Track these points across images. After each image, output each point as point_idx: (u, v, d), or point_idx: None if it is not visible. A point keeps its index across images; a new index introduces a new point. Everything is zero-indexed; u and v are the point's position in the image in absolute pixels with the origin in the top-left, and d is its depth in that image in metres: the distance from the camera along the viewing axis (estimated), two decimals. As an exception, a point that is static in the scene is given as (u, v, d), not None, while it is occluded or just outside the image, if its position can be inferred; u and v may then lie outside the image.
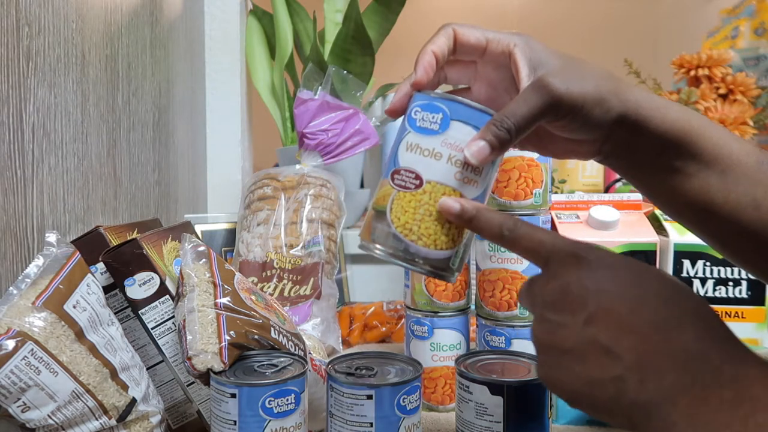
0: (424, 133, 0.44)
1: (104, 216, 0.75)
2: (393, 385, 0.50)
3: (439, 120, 0.44)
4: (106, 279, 0.60)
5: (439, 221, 0.44)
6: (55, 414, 0.47)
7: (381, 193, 0.46)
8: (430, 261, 0.44)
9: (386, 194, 0.45)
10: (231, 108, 1.25)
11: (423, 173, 0.44)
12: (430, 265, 0.45)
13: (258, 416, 0.47)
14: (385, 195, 0.45)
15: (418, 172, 0.44)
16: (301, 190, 0.87)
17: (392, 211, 0.44)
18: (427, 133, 0.44)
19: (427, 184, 0.44)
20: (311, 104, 0.92)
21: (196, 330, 0.52)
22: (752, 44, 1.51)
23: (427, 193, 0.44)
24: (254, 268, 0.82)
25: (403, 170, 0.44)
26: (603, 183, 1.20)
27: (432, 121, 0.44)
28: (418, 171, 0.44)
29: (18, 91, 0.56)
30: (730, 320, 0.76)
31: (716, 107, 1.11)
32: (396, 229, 0.44)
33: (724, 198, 0.43)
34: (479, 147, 0.42)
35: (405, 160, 0.45)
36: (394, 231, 0.44)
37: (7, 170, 0.54)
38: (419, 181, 0.44)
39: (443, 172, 0.44)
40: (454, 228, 0.44)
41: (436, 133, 0.44)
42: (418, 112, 0.45)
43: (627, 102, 0.43)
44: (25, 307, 0.48)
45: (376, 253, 0.45)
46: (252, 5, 1.32)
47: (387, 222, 0.45)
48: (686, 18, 2.77)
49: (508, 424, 0.51)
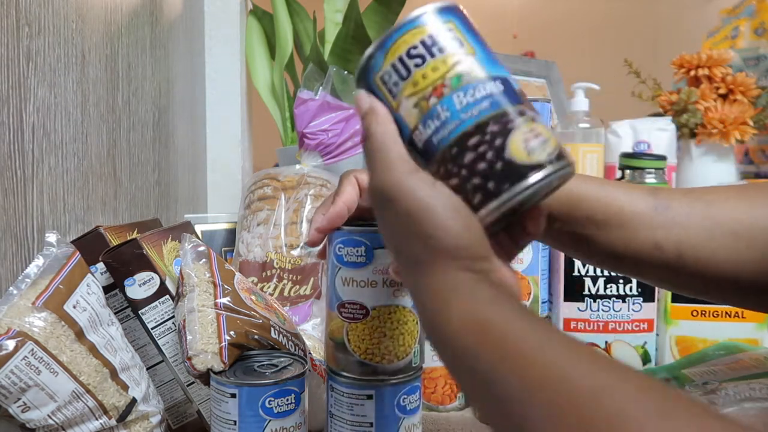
0: (355, 266, 0.48)
1: (104, 216, 0.75)
2: (393, 385, 0.50)
3: (363, 252, 0.48)
4: (106, 279, 0.60)
5: (393, 338, 0.49)
6: (55, 414, 0.47)
7: (333, 326, 0.50)
8: (395, 370, 0.50)
9: (339, 326, 0.50)
10: (231, 108, 1.25)
11: (367, 302, 0.48)
12: (396, 373, 0.50)
13: (258, 416, 0.47)
14: (338, 327, 0.50)
15: (362, 302, 0.49)
16: (302, 190, 0.87)
17: (351, 342, 0.49)
18: (357, 266, 0.48)
19: (373, 311, 0.48)
20: (311, 104, 0.92)
21: (196, 330, 0.52)
22: (752, 44, 1.51)
23: (375, 318, 0.48)
24: (254, 268, 0.82)
25: (348, 303, 0.49)
26: (603, 183, 1.20)
27: (357, 254, 0.48)
28: (361, 302, 0.49)
29: (18, 91, 0.56)
30: (730, 320, 0.77)
31: (716, 107, 1.11)
32: (360, 357, 0.49)
33: (625, 247, 0.47)
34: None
35: (346, 293, 0.49)
36: (359, 359, 0.49)
37: (7, 170, 0.54)
38: (365, 310, 0.48)
39: (384, 296, 0.49)
40: (408, 334, 0.49)
41: (365, 264, 0.48)
42: (342, 249, 0.49)
43: None
44: (25, 307, 0.48)
45: (346, 380, 0.50)
46: (252, 5, 1.32)
47: (349, 352, 0.49)
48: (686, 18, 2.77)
49: None
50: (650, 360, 0.77)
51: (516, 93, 0.37)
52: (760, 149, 1.39)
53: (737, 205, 0.45)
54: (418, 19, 0.38)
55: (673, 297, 0.78)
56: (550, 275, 0.76)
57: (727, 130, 1.08)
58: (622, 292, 0.76)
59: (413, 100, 0.37)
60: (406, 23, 0.38)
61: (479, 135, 0.36)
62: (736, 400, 0.58)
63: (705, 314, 0.77)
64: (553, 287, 0.77)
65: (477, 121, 0.36)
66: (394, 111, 0.38)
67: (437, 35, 0.37)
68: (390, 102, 0.38)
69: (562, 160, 0.36)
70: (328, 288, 0.51)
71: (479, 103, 0.36)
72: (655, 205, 0.47)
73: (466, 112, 0.36)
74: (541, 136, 0.36)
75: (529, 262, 0.71)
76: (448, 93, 0.36)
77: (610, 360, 0.30)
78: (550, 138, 0.36)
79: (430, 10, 0.38)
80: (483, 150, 0.35)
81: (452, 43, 0.37)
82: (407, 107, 0.37)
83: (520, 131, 0.36)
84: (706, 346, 0.76)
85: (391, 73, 0.38)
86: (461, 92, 0.36)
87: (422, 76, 0.37)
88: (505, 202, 0.35)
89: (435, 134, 0.37)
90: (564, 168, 0.36)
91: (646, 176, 0.90)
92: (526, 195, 0.35)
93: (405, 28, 0.38)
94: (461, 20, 0.39)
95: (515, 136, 0.35)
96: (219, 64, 1.24)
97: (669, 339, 0.78)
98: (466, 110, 0.36)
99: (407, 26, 0.38)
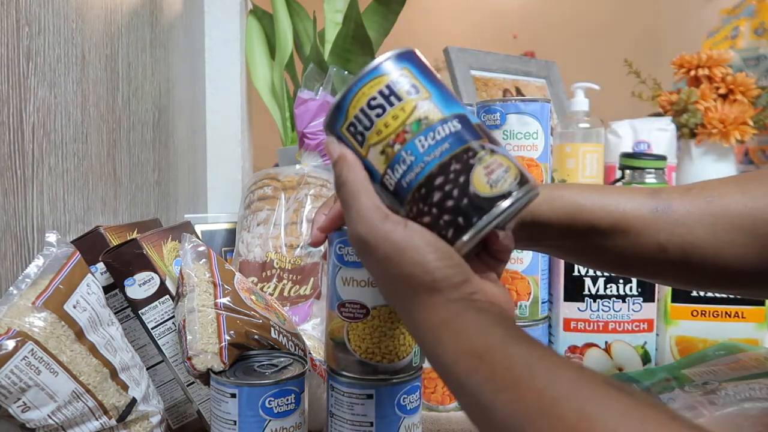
0: (354, 266, 0.49)
1: (104, 216, 0.75)
2: (393, 385, 0.50)
3: None
4: (106, 279, 0.60)
5: (393, 337, 0.49)
6: (55, 414, 0.47)
7: (334, 325, 0.50)
8: (396, 370, 0.50)
9: (339, 326, 0.50)
10: (231, 108, 1.24)
11: (367, 302, 0.49)
12: (396, 373, 0.50)
13: (258, 416, 0.48)
14: (339, 327, 0.50)
15: (362, 302, 0.49)
16: (302, 190, 0.87)
17: (351, 342, 0.49)
18: (357, 266, 0.49)
19: (373, 310, 0.49)
20: (312, 104, 0.92)
21: (196, 330, 0.52)
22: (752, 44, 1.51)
23: (376, 318, 0.49)
24: (254, 268, 0.82)
25: (348, 303, 0.49)
26: (603, 183, 1.20)
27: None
28: (362, 301, 0.49)
29: (18, 91, 0.56)
30: (730, 320, 0.77)
31: (716, 107, 1.11)
32: (360, 356, 0.49)
33: (631, 253, 0.48)
34: None
35: (346, 293, 0.49)
36: (359, 358, 0.49)
37: (7, 170, 0.54)
38: (365, 310, 0.49)
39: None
40: (408, 334, 0.50)
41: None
42: (342, 248, 0.49)
43: None
44: (25, 307, 0.48)
45: (347, 380, 0.50)
46: (252, 5, 1.32)
47: (350, 351, 0.49)
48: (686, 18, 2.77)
49: None
50: (650, 360, 0.77)
51: (474, 128, 0.39)
52: (760, 149, 1.39)
53: (737, 199, 0.46)
54: (375, 70, 0.40)
55: (673, 297, 0.78)
56: (550, 275, 0.76)
57: (727, 130, 1.08)
58: (622, 292, 0.76)
59: (379, 147, 0.39)
60: (365, 75, 0.40)
61: (443, 175, 0.38)
62: (736, 400, 0.58)
63: (705, 314, 0.77)
64: (553, 287, 0.77)
65: (440, 162, 0.38)
66: (363, 157, 0.41)
67: (394, 84, 0.39)
68: (358, 150, 0.40)
69: (525, 185, 0.38)
70: (329, 288, 0.51)
71: (440, 145, 0.38)
72: (655, 207, 0.47)
73: (429, 155, 0.38)
74: (501, 167, 0.38)
75: (529, 262, 0.71)
76: (410, 138, 0.39)
77: (593, 376, 0.31)
78: (511, 166, 0.39)
79: (385, 60, 0.40)
80: (449, 189, 0.38)
81: (409, 89, 0.39)
82: (374, 154, 0.40)
83: (481, 165, 0.38)
84: (706, 346, 0.76)
85: (356, 124, 0.40)
86: (422, 136, 0.38)
87: (384, 125, 0.39)
88: (477, 233, 0.38)
89: (403, 177, 0.39)
90: (528, 192, 0.38)
91: (646, 176, 0.90)
92: (495, 224, 0.38)
93: (364, 80, 0.40)
94: (415, 65, 0.41)
95: (477, 171, 0.38)
96: (219, 64, 1.23)
97: (669, 339, 0.78)
98: (429, 153, 0.38)
99: (366, 78, 0.40)
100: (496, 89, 1.36)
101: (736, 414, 0.57)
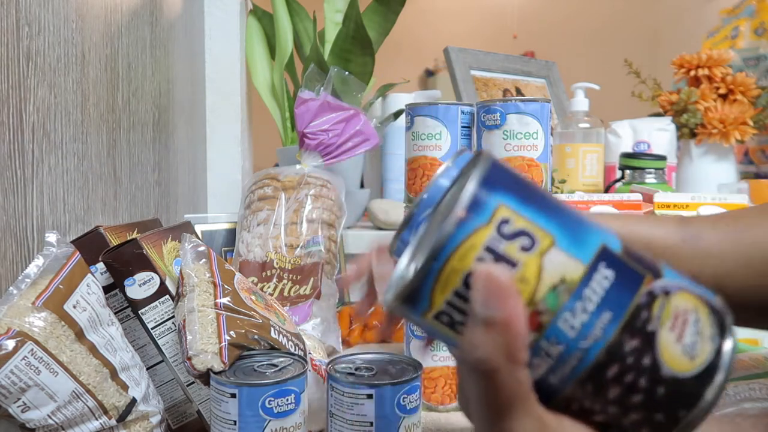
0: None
1: (104, 216, 0.75)
2: (393, 385, 0.50)
3: None
4: (106, 279, 0.60)
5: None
6: (55, 414, 0.47)
7: None
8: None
9: None
10: (231, 108, 1.25)
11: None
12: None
13: (258, 416, 0.47)
14: None
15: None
16: (302, 191, 0.87)
17: None
18: None
19: None
20: (312, 104, 0.92)
21: (196, 330, 0.52)
22: (752, 44, 1.51)
23: None
24: (254, 268, 0.82)
25: None
26: (603, 183, 1.20)
27: None
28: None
29: (18, 91, 0.56)
30: (730, 320, 0.77)
31: (716, 107, 1.11)
32: None
33: None
34: None
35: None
36: None
37: (7, 170, 0.54)
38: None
39: None
40: None
41: None
42: None
43: None
44: (25, 307, 0.48)
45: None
46: (252, 5, 1.32)
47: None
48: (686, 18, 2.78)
49: None
50: (650, 360, 0.77)
51: (625, 263, 0.27)
52: (760, 149, 1.39)
53: None
54: (461, 228, 0.26)
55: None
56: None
57: (727, 130, 1.08)
58: None
59: None
60: (446, 241, 0.26)
61: (617, 362, 0.26)
62: (736, 401, 0.58)
63: (705, 314, 0.77)
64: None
65: (606, 345, 0.26)
66: None
67: (495, 243, 0.26)
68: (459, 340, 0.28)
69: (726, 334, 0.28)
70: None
71: (597, 318, 0.26)
72: (683, 237, 0.46)
73: (585, 338, 0.26)
74: (688, 317, 0.27)
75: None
76: (549, 322, 0.26)
77: None
78: (697, 306, 0.28)
79: (469, 201, 0.26)
80: (631, 380, 0.26)
81: (522, 243, 0.26)
82: None
83: (665, 329, 0.27)
84: (706, 346, 0.76)
85: (450, 313, 0.27)
86: (567, 314, 0.26)
87: None
88: (685, 429, 0.27)
89: (551, 375, 0.27)
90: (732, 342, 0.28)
91: (646, 176, 0.90)
92: (709, 411, 0.27)
93: (447, 249, 0.26)
94: (512, 192, 0.27)
95: (662, 341, 0.26)
96: (219, 64, 1.24)
97: (669, 339, 0.78)
98: (585, 335, 0.26)
99: (449, 245, 0.26)
100: (496, 89, 1.37)
101: (736, 414, 0.57)
